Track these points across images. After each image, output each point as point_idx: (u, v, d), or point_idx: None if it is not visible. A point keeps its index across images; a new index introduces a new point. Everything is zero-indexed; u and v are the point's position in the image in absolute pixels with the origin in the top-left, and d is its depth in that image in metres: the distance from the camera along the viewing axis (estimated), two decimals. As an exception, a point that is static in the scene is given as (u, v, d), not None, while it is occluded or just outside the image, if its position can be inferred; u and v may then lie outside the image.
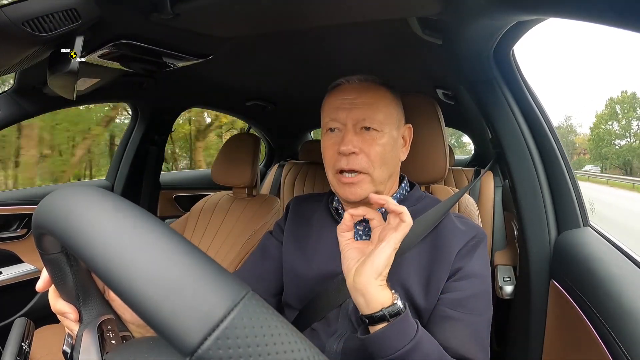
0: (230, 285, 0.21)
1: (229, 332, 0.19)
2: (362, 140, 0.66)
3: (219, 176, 1.39)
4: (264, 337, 0.19)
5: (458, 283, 0.63)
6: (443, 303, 0.62)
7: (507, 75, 0.86)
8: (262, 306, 0.20)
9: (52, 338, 1.11)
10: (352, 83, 0.70)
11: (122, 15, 0.73)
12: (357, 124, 0.67)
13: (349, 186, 0.67)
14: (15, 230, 1.35)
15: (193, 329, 0.19)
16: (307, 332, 0.68)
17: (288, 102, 1.93)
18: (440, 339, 0.59)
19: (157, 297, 0.20)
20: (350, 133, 0.66)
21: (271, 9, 0.73)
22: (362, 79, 0.70)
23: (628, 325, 0.52)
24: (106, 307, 0.38)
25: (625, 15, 0.42)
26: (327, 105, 0.71)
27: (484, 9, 0.61)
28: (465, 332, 0.59)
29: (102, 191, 0.26)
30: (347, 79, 0.71)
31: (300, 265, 0.72)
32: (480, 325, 0.61)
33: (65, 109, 1.85)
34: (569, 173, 0.83)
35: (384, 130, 0.67)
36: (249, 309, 0.20)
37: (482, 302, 0.63)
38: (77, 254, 0.23)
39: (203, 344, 0.18)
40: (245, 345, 0.19)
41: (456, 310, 0.61)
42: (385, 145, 0.67)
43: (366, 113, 0.66)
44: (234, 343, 0.18)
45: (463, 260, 0.64)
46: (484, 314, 0.62)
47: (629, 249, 0.71)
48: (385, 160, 0.68)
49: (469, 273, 0.63)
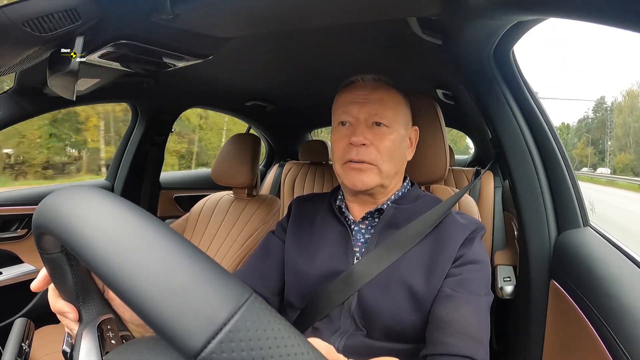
0: (233, 288, 0.20)
1: (232, 336, 0.18)
2: (372, 134, 0.69)
3: (219, 176, 1.39)
4: (267, 340, 0.19)
5: (459, 268, 0.65)
6: (445, 285, 0.63)
7: (507, 75, 0.86)
8: (265, 309, 0.20)
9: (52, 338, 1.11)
10: (366, 81, 0.74)
11: (122, 15, 0.73)
12: (368, 118, 0.70)
13: (357, 172, 0.69)
14: (15, 231, 1.35)
15: (196, 332, 0.18)
16: (309, 331, 0.69)
17: (288, 102, 1.93)
18: (443, 314, 0.60)
19: (160, 299, 0.20)
20: (362, 126, 0.70)
21: (271, 9, 0.73)
22: (375, 78, 0.74)
23: (628, 325, 0.52)
24: (106, 307, 0.38)
25: (625, 15, 0.42)
26: (339, 101, 0.74)
27: (484, 9, 0.61)
28: (467, 307, 0.60)
29: (102, 191, 0.26)
30: (361, 77, 0.75)
31: (303, 263, 0.72)
32: (481, 305, 0.62)
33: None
34: (569, 173, 0.83)
35: (393, 127, 0.70)
36: (252, 311, 0.20)
37: (482, 285, 0.64)
38: (77, 254, 0.23)
39: (206, 347, 0.18)
40: (249, 348, 0.18)
41: (457, 290, 0.62)
42: (394, 141, 0.70)
43: (378, 109, 0.70)
44: (237, 346, 0.18)
45: (465, 248, 0.66)
46: (484, 296, 0.64)
47: (629, 249, 0.71)
48: (393, 155, 0.70)
49: (470, 259, 0.65)
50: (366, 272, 0.65)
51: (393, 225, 0.70)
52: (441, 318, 0.60)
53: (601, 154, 49.22)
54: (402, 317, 0.63)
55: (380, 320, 0.64)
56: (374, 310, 0.64)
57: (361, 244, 0.71)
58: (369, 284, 0.65)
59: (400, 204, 0.73)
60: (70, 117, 12.11)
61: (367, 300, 0.65)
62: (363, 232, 0.72)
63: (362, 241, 0.72)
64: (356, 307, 0.66)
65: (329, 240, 0.73)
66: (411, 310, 0.63)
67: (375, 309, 0.64)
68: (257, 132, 2.43)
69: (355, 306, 0.66)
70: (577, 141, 56.00)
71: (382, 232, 0.70)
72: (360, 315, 0.66)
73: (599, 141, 50.39)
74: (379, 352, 0.63)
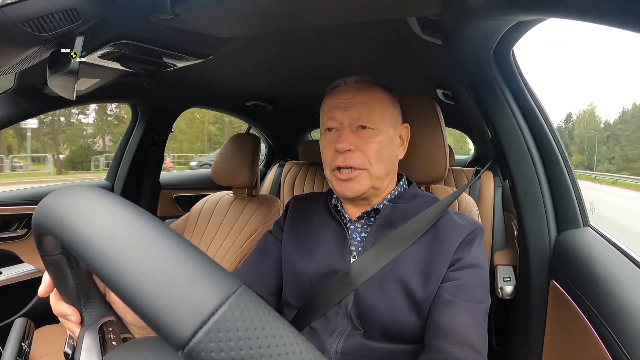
0: (222, 279, 0.21)
1: (219, 326, 0.19)
2: (358, 138, 0.68)
3: (218, 176, 1.39)
4: (256, 330, 0.19)
5: (457, 272, 0.64)
6: (444, 289, 0.63)
7: (507, 75, 0.86)
8: (254, 300, 0.20)
9: (52, 338, 1.11)
10: (349, 84, 0.72)
11: (122, 15, 0.73)
12: (353, 122, 0.69)
13: (346, 182, 0.69)
14: (15, 231, 1.35)
15: (184, 322, 0.19)
16: (306, 331, 0.68)
17: (288, 102, 1.93)
18: (443, 323, 0.59)
19: (150, 291, 0.20)
20: (346, 131, 0.68)
21: (271, 9, 0.73)
22: (358, 80, 0.72)
23: (628, 325, 0.52)
24: (107, 309, 0.38)
25: (625, 16, 0.42)
26: (324, 106, 0.73)
27: (484, 9, 0.61)
28: (466, 317, 0.60)
29: (102, 191, 0.26)
30: (344, 80, 0.73)
31: (300, 262, 0.72)
32: (480, 313, 0.62)
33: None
34: (569, 173, 0.83)
35: (380, 129, 0.69)
36: (240, 302, 0.20)
37: (481, 291, 0.64)
38: (76, 253, 0.23)
39: (194, 337, 0.18)
40: (237, 338, 0.19)
41: (456, 296, 0.62)
42: (381, 143, 0.69)
43: (362, 112, 0.68)
44: (225, 336, 0.18)
45: (463, 251, 0.65)
46: (482, 302, 0.63)
47: (629, 249, 0.71)
48: (382, 157, 0.69)
49: (468, 263, 0.65)
50: (363, 271, 0.65)
51: (390, 224, 0.70)
52: (442, 326, 0.59)
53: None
54: (399, 316, 0.63)
55: (377, 320, 0.64)
56: (370, 309, 0.64)
57: (357, 242, 0.71)
58: (365, 283, 0.65)
59: (397, 203, 0.73)
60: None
61: (363, 299, 0.65)
62: (359, 230, 0.72)
63: (359, 240, 0.71)
64: (353, 307, 0.66)
65: (326, 239, 0.73)
66: (408, 309, 0.63)
67: (372, 308, 0.64)
68: (257, 132, 2.42)
69: (352, 305, 0.66)
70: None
71: (379, 231, 0.70)
72: (357, 315, 0.66)
73: (566, 146, 60.36)
74: (378, 353, 0.63)
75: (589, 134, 55.03)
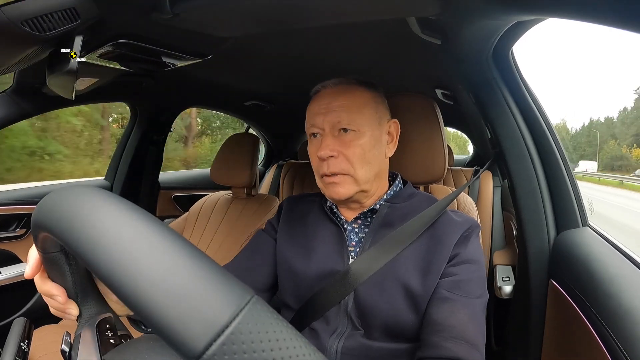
0: (235, 290, 0.20)
1: (234, 338, 0.18)
2: (340, 142, 0.68)
3: (217, 176, 1.38)
4: (269, 342, 0.19)
5: (455, 267, 0.64)
6: (441, 286, 0.63)
7: (506, 75, 0.86)
8: (267, 311, 0.20)
9: (51, 338, 1.11)
10: (327, 88, 0.71)
11: (122, 14, 0.73)
12: (334, 127, 0.68)
13: (332, 185, 0.68)
14: (14, 230, 1.34)
15: (198, 334, 0.18)
16: (307, 332, 0.69)
17: (287, 102, 1.93)
18: (440, 318, 0.59)
19: (162, 301, 0.19)
20: (328, 137, 0.68)
21: (271, 8, 0.73)
22: (336, 82, 0.71)
23: (627, 325, 0.52)
24: (105, 306, 0.38)
25: (625, 16, 0.42)
26: (308, 113, 0.73)
27: (483, 9, 0.61)
28: (463, 312, 0.60)
29: (101, 191, 0.25)
30: (322, 85, 0.72)
31: (298, 263, 0.72)
32: (477, 308, 0.62)
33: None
34: (568, 173, 0.83)
35: (362, 130, 0.68)
36: (253, 313, 0.20)
37: (478, 286, 0.64)
38: (76, 254, 0.23)
39: (208, 349, 0.18)
40: (251, 350, 0.19)
41: (453, 292, 0.62)
42: (364, 145, 0.68)
43: (341, 115, 0.67)
44: (239, 348, 0.18)
45: (460, 247, 0.66)
46: (480, 297, 0.63)
47: (627, 249, 0.71)
48: (367, 159, 0.68)
49: (465, 259, 0.65)
50: (362, 271, 0.65)
51: (388, 224, 0.70)
52: (438, 322, 0.59)
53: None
54: (399, 315, 0.63)
55: (378, 319, 0.64)
56: (370, 309, 0.64)
57: (355, 243, 0.71)
58: (365, 283, 0.65)
59: (394, 203, 0.73)
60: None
61: (363, 300, 0.65)
62: (357, 231, 0.72)
63: (357, 240, 0.71)
64: (353, 307, 0.66)
65: (323, 240, 0.72)
66: (408, 308, 0.63)
67: (372, 307, 0.64)
68: (256, 132, 2.42)
69: (351, 306, 0.66)
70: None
71: (377, 231, 0.70)
72: (357, 315, 0.66)
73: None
74: (378, 352, 0.63)
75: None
